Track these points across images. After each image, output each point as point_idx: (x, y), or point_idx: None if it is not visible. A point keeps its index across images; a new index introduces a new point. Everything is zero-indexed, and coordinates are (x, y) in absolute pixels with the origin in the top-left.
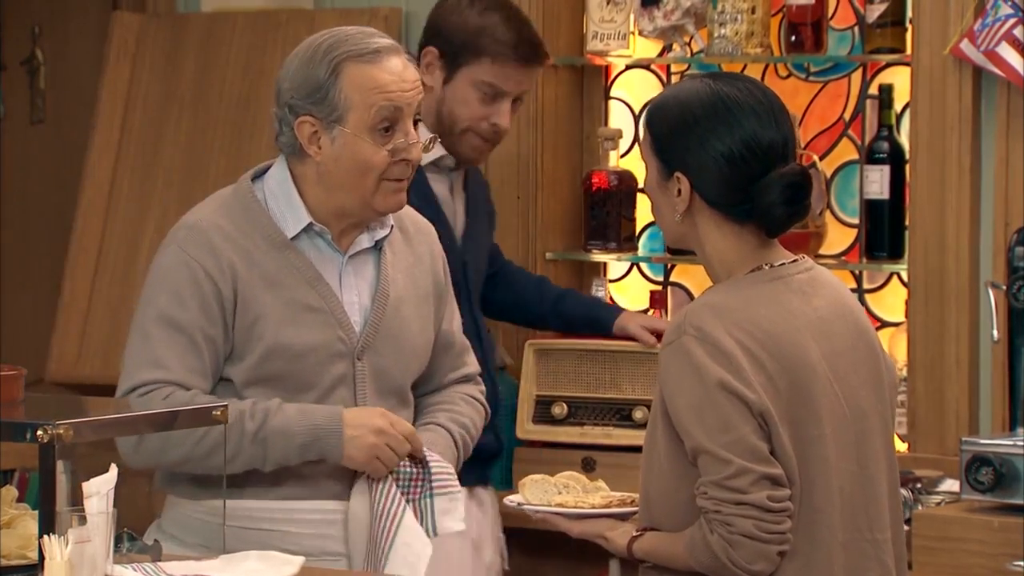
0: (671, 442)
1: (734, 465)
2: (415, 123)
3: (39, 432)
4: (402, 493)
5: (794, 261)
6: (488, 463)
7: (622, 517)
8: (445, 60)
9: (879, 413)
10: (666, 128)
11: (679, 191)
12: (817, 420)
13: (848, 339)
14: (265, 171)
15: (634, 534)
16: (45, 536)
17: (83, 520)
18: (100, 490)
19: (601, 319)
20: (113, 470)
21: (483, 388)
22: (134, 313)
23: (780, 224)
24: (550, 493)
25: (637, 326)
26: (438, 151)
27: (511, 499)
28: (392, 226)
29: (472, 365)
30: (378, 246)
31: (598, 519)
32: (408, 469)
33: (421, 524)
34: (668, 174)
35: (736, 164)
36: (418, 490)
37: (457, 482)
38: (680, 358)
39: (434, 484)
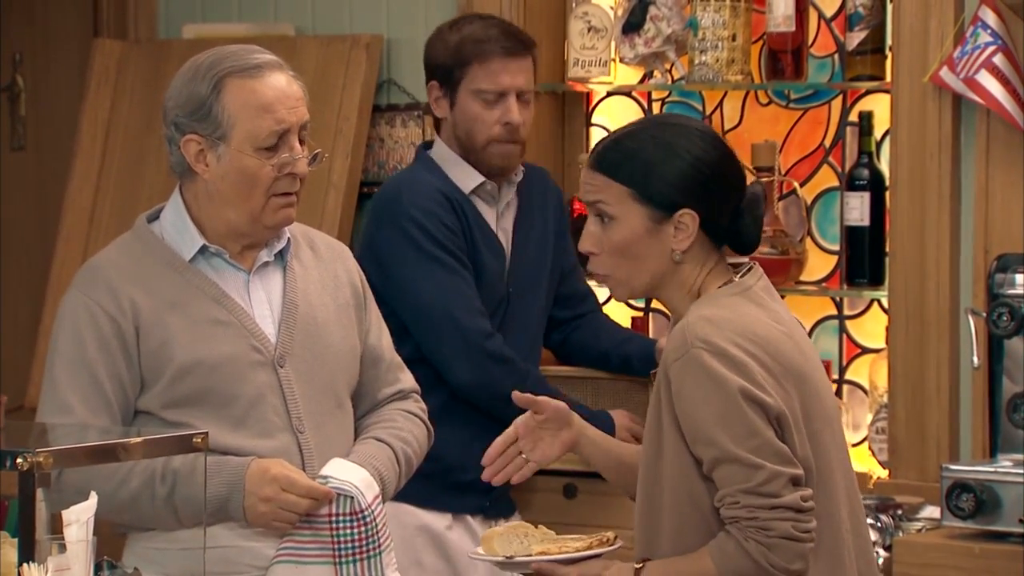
0: (684, 463)
1: (766, 470)
2: (301, 140)
3: (19, 460)
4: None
5: (749, 269)
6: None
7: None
8: (444, 87)
9: (836, 410)
10: (650, 169)
11: (676, 228)
12: (819, 416)
13: (808, 343)
14: (160, 212)
15: (636, 566)
16: (25, 564)
17: (63, 548)
18: (80, 518)
19: (654, 356)
20: (93, 497)
21: (423, 406)
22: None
23: (755, 240)
24: (514, 543)
25: None
26: (475, 179)
27: (478, 554)
28: (288, 238)
29: (407, 382)
30: (283, 261)
31: (591, 560)
32: (350, 531)
33: None
34: (666, 214)
35: (732, 186)
36: (363, 550)
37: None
38: (695, 371)
39: (381, 539)
